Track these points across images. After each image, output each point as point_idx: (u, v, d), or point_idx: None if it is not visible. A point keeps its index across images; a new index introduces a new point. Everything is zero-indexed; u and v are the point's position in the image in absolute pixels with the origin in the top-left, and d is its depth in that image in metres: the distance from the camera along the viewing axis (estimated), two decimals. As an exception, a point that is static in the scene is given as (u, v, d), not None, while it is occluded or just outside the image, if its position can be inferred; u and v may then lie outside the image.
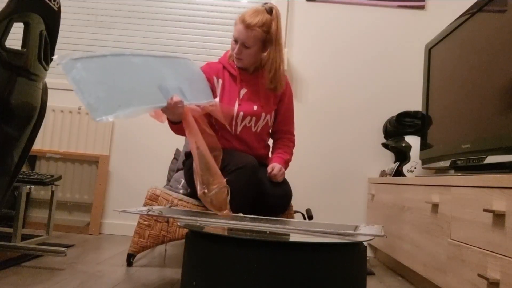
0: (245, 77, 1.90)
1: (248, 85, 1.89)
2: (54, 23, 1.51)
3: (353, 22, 2.76)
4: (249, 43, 1.79)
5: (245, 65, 1.86)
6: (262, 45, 1.83)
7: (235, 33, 1.81)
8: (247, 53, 1.81)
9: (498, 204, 1.14)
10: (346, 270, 1.09)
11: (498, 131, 1.45)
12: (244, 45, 1.79)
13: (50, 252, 1.80)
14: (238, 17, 1.81)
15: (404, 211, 1.91)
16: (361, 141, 2.69)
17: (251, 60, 1.85)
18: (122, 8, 2.83)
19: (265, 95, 1.89)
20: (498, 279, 1.11)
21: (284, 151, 1.94)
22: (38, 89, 1.50)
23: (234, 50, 1.82)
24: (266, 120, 1.89)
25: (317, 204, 2.58)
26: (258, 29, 1.77)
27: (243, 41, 1.79)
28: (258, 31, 1.77)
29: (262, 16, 1.79)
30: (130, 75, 1.44)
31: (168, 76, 1.61)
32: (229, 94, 1.86)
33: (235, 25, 1.82)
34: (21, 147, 1.49)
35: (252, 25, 1.77)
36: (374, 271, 2.07)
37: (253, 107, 1.85)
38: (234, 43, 1.83)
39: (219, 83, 1.88)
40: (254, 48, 1.81)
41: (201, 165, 1.55)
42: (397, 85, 2.71)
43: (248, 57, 1.82)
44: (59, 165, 2.66)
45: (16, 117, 1.40)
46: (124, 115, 1.31)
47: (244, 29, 1.77)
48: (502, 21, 1.52)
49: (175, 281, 1.64)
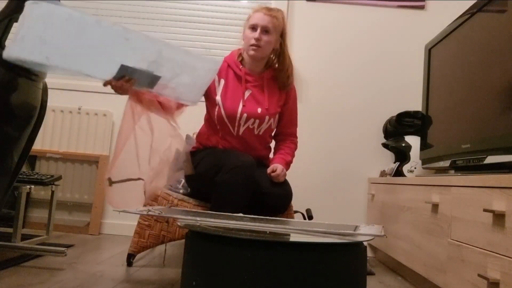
0: (251, 78, 1.88)
1: (253, 87, 1.87)
2: (54, 23, 1.50)
3: (353, 22, 2.76)
4: (270, 28, 1.80)
5: (261, 54, 1.84)
6: (279, 35, 1.86)
7: (254, 20, 1.82)
8: (266, 39, 1.81)
9: (498, 204, 1.14)
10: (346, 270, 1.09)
11: (498, 131, 1.45)
12: (265, 30, 1.80)
13: (50, 252, 1.80)
14: (253, 9, 1.86)
15: (404, 211, 1.91)
16: (361, 141, 2.69)
17: (268, 49, 1.84)
18: (122, 8, 2.83)
19: (270, 97, 1.88)
20: (498, 279, 1.11)
21: (286, 153, 1.93)
22: (38, 89, 1.50)
23: (250, 39, 1.81)
24: (269, 123, 1.88)
25: (317, 204, 2.58)
26: (278, 16, 1.83)
27: (264, 25, 1.80)
28: (278, 18, 1.83)
29: (275, 10, 1.86)
30: (89, 39, 1.31)
31: (133, 55, 1.44)
32: (233, 94, 1.84)
33: (252, 16, 1.84)
34: (21, 147, 1.49)
35: (272, 11, 1.83)
36: (374, 271, 2.06)
37: (257, 110, 1.84)
38: (251, 32, 1.82)
39: (221, 83, 1.85)
40: (273, 36, 1.83)
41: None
42: (397, 85, 2.71)
43: (266, 44, 1.82)
44: (59, 165, 2.66)
45: (16, 117, 1.40)
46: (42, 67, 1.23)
47: (264, 15, 1.81)
48: (502, 21, 1.52)
49: (175, 281, 1.64)
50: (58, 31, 1.24)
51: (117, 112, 2.72)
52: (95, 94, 2.74)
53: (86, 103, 2.72)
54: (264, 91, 1.88)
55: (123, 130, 1.52)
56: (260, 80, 1.89)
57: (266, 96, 1.87)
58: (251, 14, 1.87)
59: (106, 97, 2.73)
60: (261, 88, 1.88)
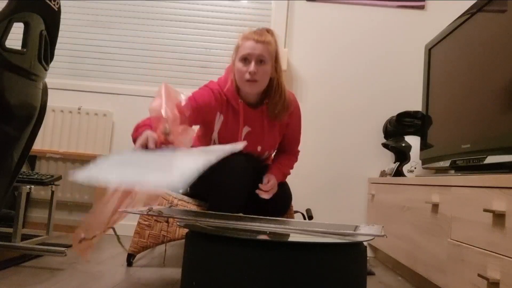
0: (249, 114, 1.73)
1: (251, 122, 1.73)
2: (54, 23, 1.51)
3: (353, 22, 2.75)
4: (265, 57, 1.62)
5: (259, 88, 1.68)
6: (272, 64, 1.68)
7: (246, 50, 1.62)
8: (263, 70, 1.64)
9: (498, 204, 1.14)
10: (346, 270, 1.08)
11: (498, 131, 1.45)
12: (260, 60, 1.62)
13: (50, 252, 1.80)
14: (240, 38, 1.66)
15: (404, 211, 1.91)
16: (361, 141, 2.68)
17: (265, 80, 1.68)
18: (122, 8, 2.83)
19: (270, 131, 1.77)
20: (498, 279, 1.11)
21: (286, 165, 1.87)
22: (38, 89, 1.50)
23: (244, 73, 1.63)
24: (270, 153, 1.87)
25: (317, 204, 2.58)
26: (271, 41, 1.65)
27: (259, 55, 1.61)
28: (271, 43, 1.65)
29: (266, 34, 1.67)
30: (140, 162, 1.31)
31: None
32: (230, 133, 1.73)
33: (241, 45, 1.65)
34: (21, 147, 1.49)
35: (263, 35, 1.64)
36: (374, 271, 2.06)
37: (257, 148, 1.77)
38: (243, 65, 1.63)
39: (220, 118, 1.73)
40: (269, 64, 1.65)
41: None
42: (397, 85, 2.71)
43: (263, 75, 1.65)
44: (59, 165, 2.66)
45: (16, 117, 1.40)
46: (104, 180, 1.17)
47: (257, 43, 1.62)
48: (502, 21, 1.52)
49: (175, 281, 1.64)
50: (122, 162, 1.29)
51: (117, 112, 2.72)
52: (95, 94, 2.74)
53: (86, 103, 2.72)
54: (263, 124, 1.76)
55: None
56: (259, 114, 1.75)
57: (266, 130, 1.77)
58: (239, 42, 1.66)
59: (106, 97, 2.73)
60: (260, 122, 1.75)
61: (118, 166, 1.25)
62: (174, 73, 2.78)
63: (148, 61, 2.79)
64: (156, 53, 2.79)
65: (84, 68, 2.80)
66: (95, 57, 2.80)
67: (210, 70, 2.76)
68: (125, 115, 2.72)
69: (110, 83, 2.77)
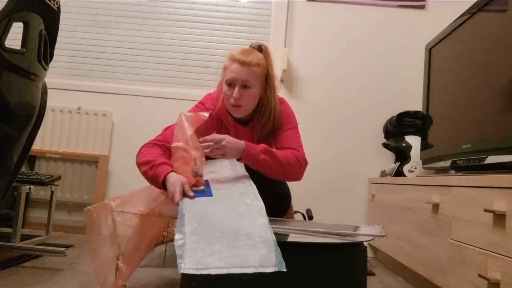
0: (239, 131, 1.68)
1: (242, 139, 1.56)
2: (53, 22, 1.51)
3: (353, 22, 2.75)
4: (250, 81, 1.55)
5: (244, 113, 1.62)
6: (261, 85, 1.61)
7: (230, 74, 1.55)
8: (247, 95, 1.57)
9: (498, 204, 1.14)
10: (346, 270, 1.08)
11: (499, 131, 1.45)
12: (244, 85, 1.56)
13: (49, 252, 1.79)
14: (227, 59, 1.60)
15: (404, 211, 1.90)
16: (361, 141, 2.68)
17: (251, 104, 1.61)
18: (122, 8, 2.82)
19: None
20: (499, 279, 1.11)
21: (273, 151, 1.57)
22: (37, 89, 1.50)
23: (229, 97, 1.57)
24: None
25: (317, 204, 2.58)
26: (259, 63, 1.58)
27: (243, 80, 1.54)
28: (260, 65, 1.58)
29: (254, 54, 1.59)
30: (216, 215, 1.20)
31: None
32: None
33: (226, 68, 1.59)
34: (21, 147, 1.48)
35: (250, 55, 1.56)
36: (375, 271, 2.06)
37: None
38: (228, 89, 1.57)
39: None
40: (255, 88, 1.58)
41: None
42: (397, 85, 2.71)
43: (248, 100, 1.58)
44: (59, 165, 2.66)
45: (15, 117, 1.40)
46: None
47: (242, 66, 1.54)
48: (502, 21, 1.52)
49: (175, 281, 1.63)
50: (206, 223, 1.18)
51: (116, 112, 2.72)
52: (95, 94, 2.73)
53: (86, 103, 2.72)
54: (253, 140, 1.70)
55: None
56: (250, 129, 1.70)
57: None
58: (226, 63, 1.59)
59: (106, 97, 2.73)
60: (251, 138, 1.70)
61: (210, 241, 1.10)
62: (174, 73, 2.78)
63: (148, 61, 2.79)
64: (156, 53, 2.79)
65: (83, 68, 2.80)
66: (94, 57, 2.80)
67: (210, 70, 2.76)
68: (124, 115, 2.72)
69: (109, 83, 2.77)
